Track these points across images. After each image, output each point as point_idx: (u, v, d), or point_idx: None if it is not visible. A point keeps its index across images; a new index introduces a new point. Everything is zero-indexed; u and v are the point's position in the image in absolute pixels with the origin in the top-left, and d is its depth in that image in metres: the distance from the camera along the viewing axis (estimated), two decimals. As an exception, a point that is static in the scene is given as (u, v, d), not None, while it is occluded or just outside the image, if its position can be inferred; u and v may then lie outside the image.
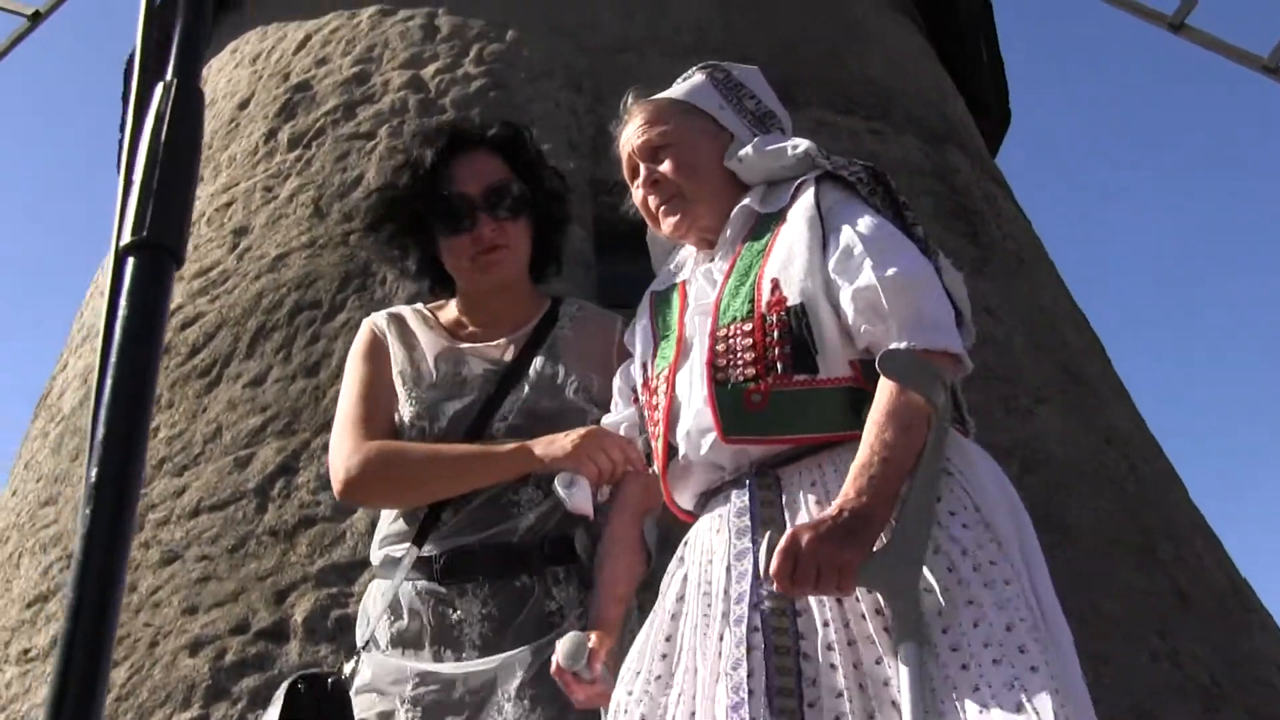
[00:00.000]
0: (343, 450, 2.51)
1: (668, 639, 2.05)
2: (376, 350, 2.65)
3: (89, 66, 25.92)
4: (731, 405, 2.03)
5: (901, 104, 5.85)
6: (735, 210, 2.26)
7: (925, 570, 1.82)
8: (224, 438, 4.33)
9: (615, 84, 3.57)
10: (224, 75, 6.32)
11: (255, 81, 5.91)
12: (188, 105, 1.05)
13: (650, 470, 2.30)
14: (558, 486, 2.31)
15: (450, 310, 2.74)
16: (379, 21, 5.83)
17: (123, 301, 0.98)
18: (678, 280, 2.35)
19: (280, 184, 5.18)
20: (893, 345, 1.96)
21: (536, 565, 2.39)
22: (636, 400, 2.35)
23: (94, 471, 0.92)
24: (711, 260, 2.29)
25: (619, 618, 2.28)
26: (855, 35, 6.10)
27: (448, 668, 2.33)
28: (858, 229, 2.09)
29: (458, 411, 2.50)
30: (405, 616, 2.41)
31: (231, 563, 3.98)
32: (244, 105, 5.81)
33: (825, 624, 1.87)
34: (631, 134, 2.39)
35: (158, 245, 0.99)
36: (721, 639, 1.92)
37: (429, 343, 2.64)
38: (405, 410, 2.54)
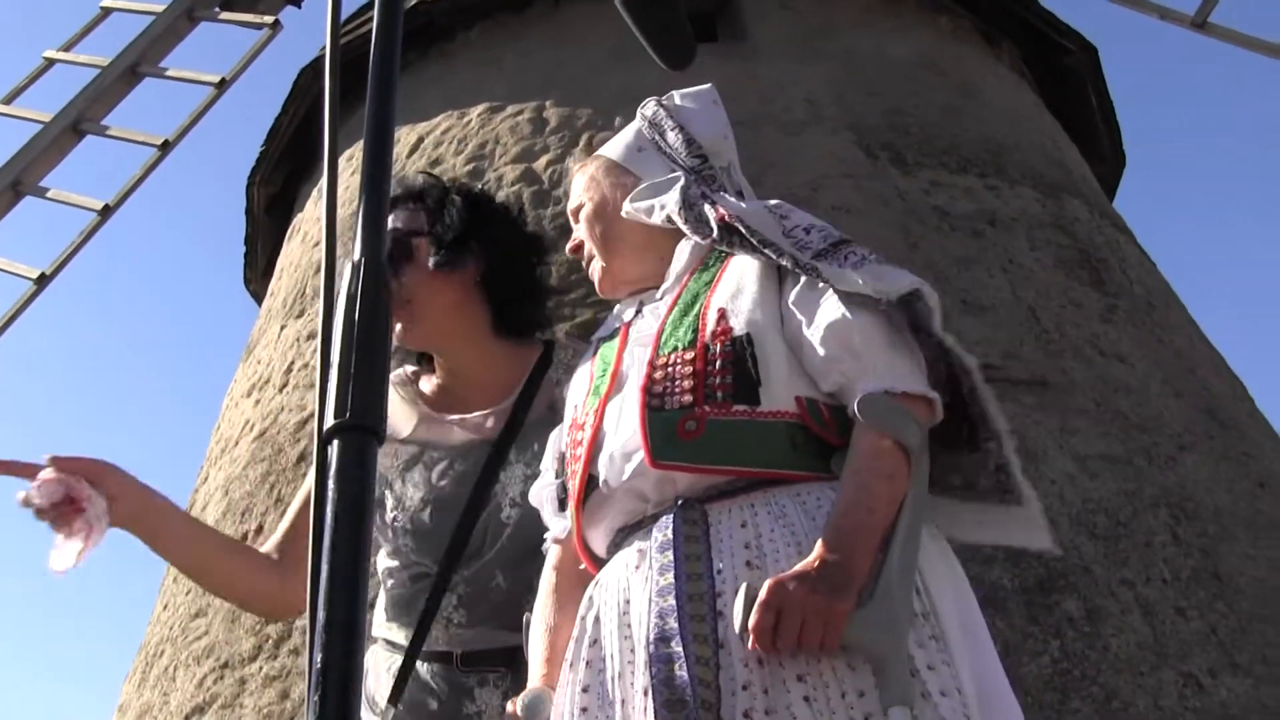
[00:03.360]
0: None
1: (584, 690, 1.86)
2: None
3: (209, 185, 26.89)
4: (662, 430, 1.88)
5: (1015, 158, 5.80)
6: (681, 246, 2.17)
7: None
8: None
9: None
10: (340, 183, 6.46)
11: (372, 187, 6.04)
12: (376, 284, 1.07)
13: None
14: None
15: (432, 378, 2.54)
16: (489, 119, 5.94)
17: (331, 484, 0.99)
18: (620, 324, 2.20)
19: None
20: (869, 389, 1.84)
21: None
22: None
23: (318, 658, 0.93)
24: (659, 299, 2.16)
25: None
26: (966, 96, 6.06)
27: None
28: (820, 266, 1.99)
29: (440, 522, 2.34)
30: (416, 691, 2.29)
31: None
32: (363, 211, 5.95)
33: (745, 687, 1.67)
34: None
35: (361, 427, 1.01)
36: (646, 694, 1.72)
37: (404, 418, 2.47)
38: (387, 558, 2.42)
